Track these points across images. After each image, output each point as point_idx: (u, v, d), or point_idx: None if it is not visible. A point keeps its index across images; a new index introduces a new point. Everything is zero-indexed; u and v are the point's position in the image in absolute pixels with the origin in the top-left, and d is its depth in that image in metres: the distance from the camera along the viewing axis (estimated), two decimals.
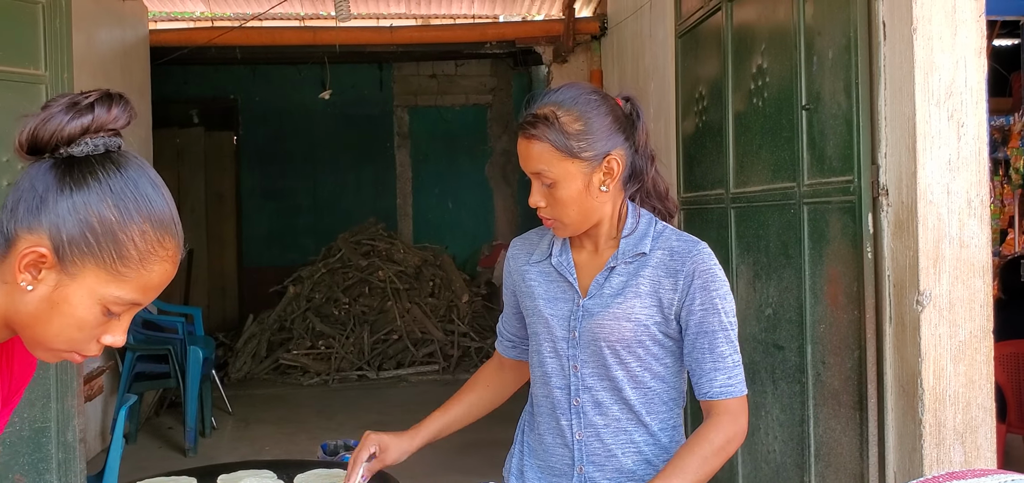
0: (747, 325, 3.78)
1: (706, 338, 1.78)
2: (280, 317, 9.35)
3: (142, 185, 1.11)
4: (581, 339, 1.86)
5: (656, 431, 1.88)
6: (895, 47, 2.85)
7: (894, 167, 2.87)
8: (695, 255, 1.80)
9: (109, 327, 1.14)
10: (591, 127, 1.78)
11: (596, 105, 1.80)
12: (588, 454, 1.89)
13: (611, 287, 1.84)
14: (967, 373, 2.73)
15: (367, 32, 8.51)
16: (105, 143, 1.12)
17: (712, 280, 1.79)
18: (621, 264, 1.85)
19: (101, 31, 6.62)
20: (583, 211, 1.82)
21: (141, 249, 1.10)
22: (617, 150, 1.81)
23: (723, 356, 1.78)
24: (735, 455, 3.92)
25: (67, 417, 3.87)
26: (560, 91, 1.83)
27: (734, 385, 1.79)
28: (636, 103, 1.89)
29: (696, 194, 4.35)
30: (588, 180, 1.79)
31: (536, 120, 1.79)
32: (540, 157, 1.78)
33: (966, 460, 2.68)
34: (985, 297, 2.74)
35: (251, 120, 10.69)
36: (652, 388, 1.87)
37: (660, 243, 1.84)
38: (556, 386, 1.92)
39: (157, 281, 1.13)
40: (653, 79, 6.44)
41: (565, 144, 1.76)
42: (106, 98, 1.13)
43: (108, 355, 6.48)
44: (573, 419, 1.90)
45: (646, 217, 1.87)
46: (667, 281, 1.81)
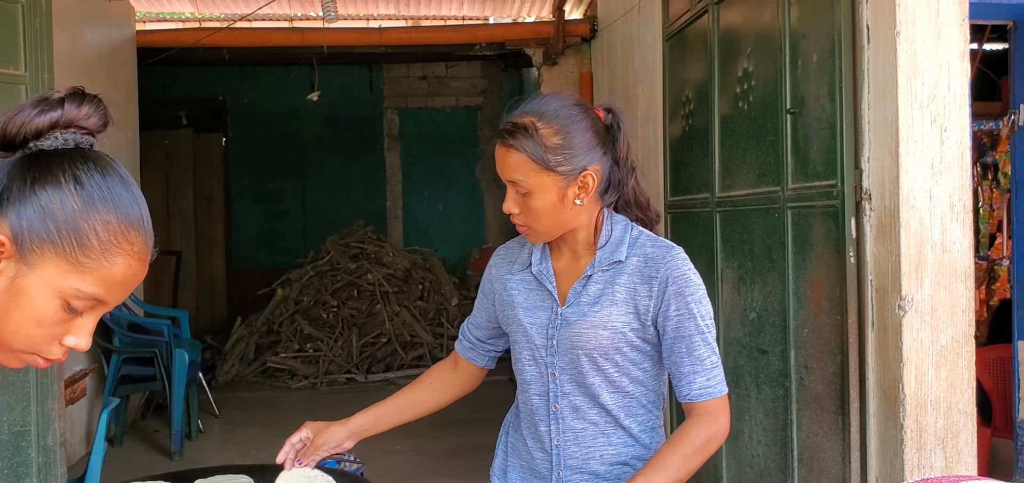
0: (731, 329, 3.77)
1: (684, 342, 1.80)
2: (268, 320, 9.31)
3: (110, 180, 1.09)
4: (559, 347, 1.87)
5: (636, 433, 1.90)
6: (879, 51, 2.84)
7: (877, 171, 2.86)
8: (669, 261, 1.81)
9: (72, 327, 1.11)
10: (570, 141, 1.78)
11: (577, 118, 1.80)
12: (566, 458, 1.91)
13: (588, 295, 1.85)
14: (949, 378, 2.72)
15: (356, 33, 8.49)
16: (75, 139, 1.11)
17: (686, 285, 1.80)
18: (598, 272, 1.86)
19: (86, 31, 6.58)
20: (556, 221, 1.83)
21: (103, 240, 1.07)
22: (594, 165, 1.81)
23: (701, 359, 1.79)
24: (719, 459, 3.91)
25: (48, 420, 3.84)
26: (543, 100, 1.82)
27: (714, 386, 1.80)
28: (618, 114, 1.89)
29: (682, 198, 4.34)
30: (563, 193, 1.80)
31: (515, 129, 1.79)
32: (516, 167, 1.79)
33: (947, 465, 2.67)
34: (967, 302, 2.74)
35: (240, 122, 10.66)
36: (631, 392, 1.88)
37: (636, 250, 1.85)
38: (535, 393, 1.94)
39: (121, 276, 1.10)
40: (642, 82, 6.44)
41: (542, 157, 1.77)
42: (77, 95, 1.12)
43: (93, 357, 6.44)
44: (551, 424, 1.92)
45: (622, 224, 1.88)
46: (643, 288, 1.82)
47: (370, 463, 4.60)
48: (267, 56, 9.15)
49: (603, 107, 1.89)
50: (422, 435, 6.21)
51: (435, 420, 2.37)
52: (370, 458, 5.03)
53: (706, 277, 3.95)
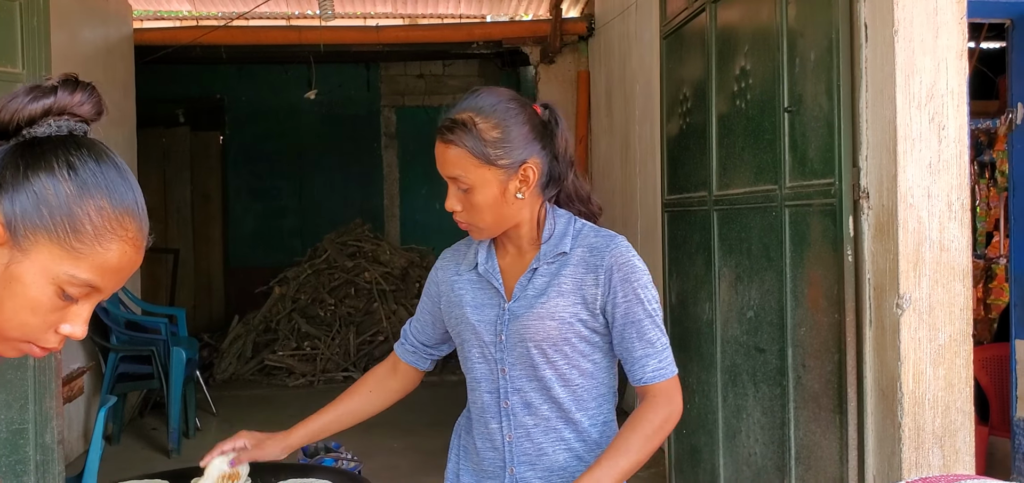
0: (729, 328, 3.77)
1: (633, 327, 1.83)
2: (266, 318, 9.31)
3: (104, 166, 1.09)
4: (508, 342, 1.90)
5: (586, 427, 1.92)
6: (876, 49, 2.84)
7: (875, 170, 2.86)
8: (613, 249, 1.85)
9: (67, 315, 1.11)
10: (509, 135, 1.81)
11: (514, 113, 1.83)
12: (519, 454, 1.93)
13: (534, 288, 1.88)
14: (946, 377, 2.73)
15: (353, 32, 8.49)
16: (69, 126, 1.11)
17: (632, 271, 1.84)
18: (543, 265, 1.89)
19: (84, 29, 6.58)
20: (498, 216, 1.86)
21: (97, 224, 1.07)
22: (533, 158, 1.84)
23: (652, 342, 1.83)
24: (717, 457, 3.91)
25: (45, 418, 3.83)
26: (480, 97, 1.85)
27: (666, 368, 1.84)
28: (555, 111, 1.92)
29: (679, 196, 4.34)
30: (504, 187, 1.83)
31: (454, 125, 1.81)
32: (456, 162, 1.81)
33: (945, 464, 2.67)
34: (965, 301, 2.74)
35: (237, 120, 10.65)
36: (581, 385, 1.91)
37: (580, 241, 1.88)
38: (486, 391, 1.96)
39: (115, 262, 1.09)
40: (639, 80, 6.44)
41: (482, 151, 1.79)
42: (70, 83, 1.12)
43: (90, 356, 6.43)
44: (503, 422, 1.94)
45: (565, 217, 1.91)
46: (588, 277, 1.85)
47: (366, 460, 4.60)
48: (264, 54, 9.15)
49: (540, 104, 1.93)
50: (418, 432, 6.21)
51: (431, 418, 2.38)
52: (367, 455, 5.05)
53: (703, 276, 3.97)
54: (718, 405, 3.88)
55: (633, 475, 1.84)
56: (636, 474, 5.04)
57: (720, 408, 3.86)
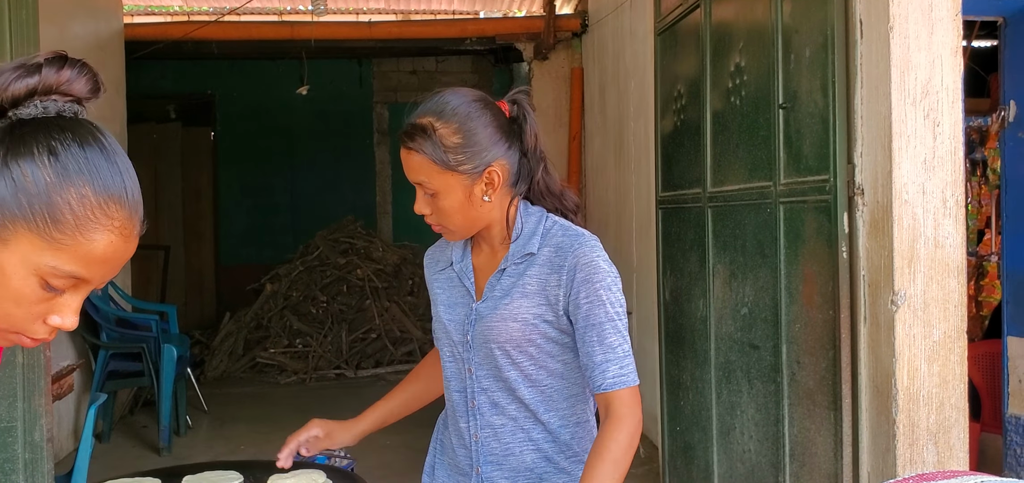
0: (723, 324, 3.77)
1: (594, 330, 1.77)
2: (257, 315, 9.28)
3: (90, 150, 1.03)
4: (474, 342, 1.87)
5: (556, 428, 1.89)
6: (872, 46, 2.83)
7: (870, 166, 2.85)
8: (577, 248, 1.79)
9: (54, 306, 1.06)
10: (471, 139, 1.76)
11: (478, 115, 1.78)
12: (485, 454, 1.91)
13: (501, 288, 1.85)
14: (941, 373, 2.72)
15: (345, 27, 8.46)
16: (57, 107, 1.05)
17: (595, 272, 1.78)
18: (511, 265, 1.85)
19: (74, 24, 6.54)
20: (467, 219, 1.82)
21: (78, 214, 1.01)
22: (499, 160, 1.79)
23: (613, 347, 1.77)
24: (711, 454, 3.90)
25: (34, 416, 3.81)
26: (442, 99, 1.80)
27: (627, 375, 1.77)
28: (523, 105, 1.86)
29: (674, 193, 4.33)
30: (469, 191, 1.78)
31: (414, 131, 1.77)
32: (419, 169, 1.77)
33: (939, 460, 2.67)
34: (960, 297, 2.74)
35: (229, 116, 10.61)
36: (549, 385, 1.87)
37: (547, 240, 1.83)
38: (455, 390, 1.95)
39: (101, 253, 1.03)
40: (633, 77, 6.43)
41: (442, 158, 1.75)
42: (57, 60, 1.05)
43: (80, 353, 6.40)
44: (470, 421, 1.92)
45: (535, 215, 1.86)
46: (553, 277, 1.81)
47: (360, 459, 4.58)
48: (256, 50, 9.11)
49: (508, 99, 1.87)
50: (410, 431, 6.18)
51: (425, 416, 2.38)
52: (360, 454, 5.02)
53: (698, 273, 3.96)
54: (712, 402, 3.87)
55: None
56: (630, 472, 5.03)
57: (714, 405, 3.86)
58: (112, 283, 6.84)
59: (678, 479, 4.36)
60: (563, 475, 1.90)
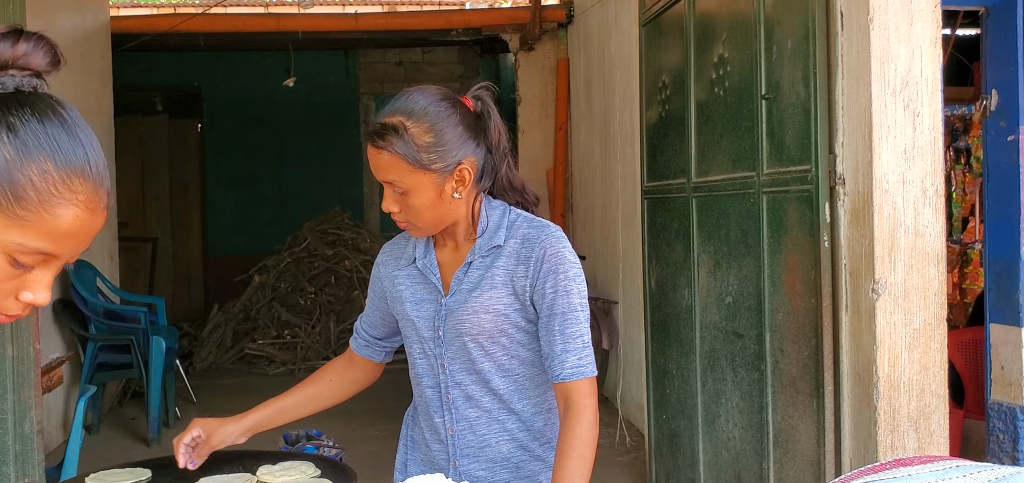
0: (708, 313, 3.80)
1: (557, 320, 1.81)
2: (245, 306, 9.28)
3: (49, 125, 1.02)
4: (446, 337, 1.89)
5: (529, 416, 1.92)
6: (852, 37, 2.87)
7: (851, 156, 2.89)
8: (544, 240, 1.83)
9: (25, 283, 1.05)
10: (442, 139, 1.77)
11: (447, 114, 1.79)
12: (462, 447, 1.93)
13: (469, 281, 1.87)
14: (921, 360, 2.76)
15: (331, 19, 8.46)
16: (15, 82, 1.03)
17: (561, 263, 1.81)
18: (478, 258, 1.87)
19: (60, 17, 6.52)
20: (437, 216, 1.83)
21: (41, 190, 1.00)
22: (468, 158, 1.81)
23: (573, 337, 1.80)
24: (696, 442, 3.95)
25: (24, 408, 3.81)
26: (410, 98, 1.80)
27: (585, 366, 1.80)
28: (487, 101, 1.87)
29: (659, 183, 4.36)
30: (440, 189, 1.80)
31: (385, 130, 1.77)
32: (390, 168, 1.77)
33: (920, 446, 2.71)
34: (939, 285, 2.78)
35: (216, 108, 10.59)
36: (521, 374, 1.91)
37: (513, 232, 1.86)
38: (427, 386, 1.96)
39: (68, 227, 1.02)
40: (619, 68, 6.46)
41: (415, 157, 1.76)
42: (11, 34, 1.04)
43: (69, 345, 6.40)
44: (445, 415, 1.94)
45: (499, 209, 1.89)
46: (520, 269, 1.84)
47: (348, 448, 4.61)
48: (243, 42, 9.10)
49: (471, 95, 1.88)
50: (400, 421, 6.21)
51: None
52: (348, 443, 5.05)
53: (683, 262, 4.00)
54: (697, 390, 3.91)
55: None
56: (616, 460, 5.09)
57: (699, 393, 3.90)
58: (100, 275, 6.84)
59: (664, 467, 4.40)
60: (538, 462, 1.94)
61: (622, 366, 6.56)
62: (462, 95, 1.88)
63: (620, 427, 5.99)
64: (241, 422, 2.10)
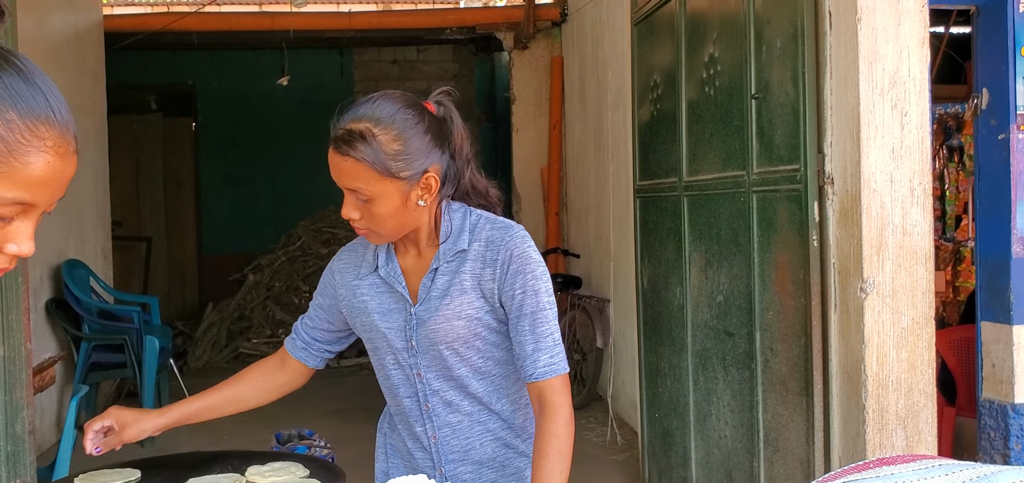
0: (699, 312, 3.81)
1: (526, 320, 1.80)
2: (240, 306, 9.28)
3: (7, 76, 1.02)
4: (419, 346, 1.87)
5: (509, 414, 1.92)
6: (840, 37, 2.88)
7: (839, 156, 2.90)
8: (508, 241, 1.81)
9: (8, 235, 1.06)
10: (409, 146, 1.74)
11: (414, 122, 1.76)
12: (446, 453, 1.93)
13: (437, 289, 1.84)
14: (909, 359, 2.78)
15: (325, 17, 8.46)
16: None
17: (527, 263, 1.80)
18: (443, 264, 1.85)
19: (53, 15, 6.51)
20: (399, 224, 1.80)
21: (8, 140, 1.01)
22: (434, 166, 1.78)
23: (543, 336, 1.79)
24: (688, 441, 3.96)
25: (16, 409, 3.81)
26: (376, 105, 1.77)
27: (557, 364, 1.79)
28: (449, 106, 1.86)
29: (651, 182, 4.37)
30: (406, 197, 1.77)
31: (351, 136, 1.73)
32: (355, 175, 1.74)
33: (908, 444, 2.72)
34: (927, 284, 2.79)
35: (210, 106, 10.58)
36: (497, 374, 1.90)
37: (477, 235, 1.84)
38: (405, 396, 1.94)
39: (40, 174, 1.03)
40: (612, 66, 6.47)
41: (383, 165, 1.72)
42: None
43: (62, 345, 6.40)
44: (426, 424, 1.93)
45: (460, 212, 1.87)
46: (486, 271, 1.82)
47: (340, 448, 4.62)
48: (236, 40, 9.09)
49: (433, 100, 1.86)
50: None
51: None
52: (340, 443, 5.05)
53: (674, 261, 4.01)
54: (689, 389, 3.92)
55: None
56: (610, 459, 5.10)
57: (691, 392, 3.91)
58: (94, 275, 6.84)
59: (657, 465, 4.41)
60: (523, 458, 1.94)
61: (615, 365, 6.57)
62: (424, 101, 1.85)
63: (611, 426, 6.01)
64: (161, 417, 2.07)
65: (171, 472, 2.19)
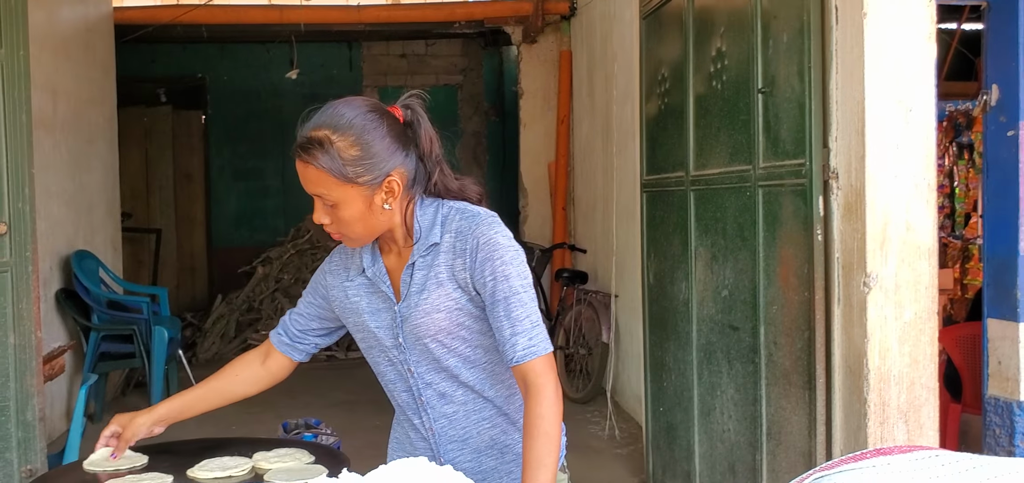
0: (704, 306, 3.82)
1: (500, 305, 1.80)
2: (249, 298, 9.33)
3: None
4: (406, 343, 1.90)
5: (503, 400, 1.94)
6: (846, 31, 2.88)
7: (844, 151, 2.91)
8: (475, 229, 1.82)
9: None
10: (369, 151, 1.76)
11: (374, 126, 1.78)
12: (444, 442, 1.96)
13: (416, 284, 1.86)
14: (912, 353, 2.78)
15: (335, 11, 8.48)
16: None
17: (495, 248, 1.80)
18: (419, 259, 1.87)
19: (63, 8, 6.55)
20: (368, 227, 1.83)
21: None
22: (397, 169, 1.80)
23: (520, 319, 1.80)
24: (692, 435, 3.97)
25: (26, 396, 3.85)
26: (335, 111, 1.79)
27: (537, 345, 1.79)
28: (417, 110, 1.87)
29: (658, 176, 4.38)
30: (369, 201, 1.79)
31: (310, 144, 1.76)
32: (318, 181, 1.77)
33: (909, 438, 2.73)
34: (930, 279, 2.79)
35: (219, 99, 10.62)
36: (487, 362, 1.92)
37: (447, 227, 1.86)
38: (400, 391, 1.97)
39: None
40: (619, 60, 6.47)
41: (341, 171, 1.75)
42: None
43: (72, 334, 6.44)
44: (423, 416, 1.96)
45: (432, 207, 1.88)
46: (458, 261, 1.83)
47: (347, 438, 4.64)
48: (246, 33, 9.13)
49: (401, 104, 1.88)
50: None
51: None
52: (348, 433, 5.08)
53: (680, 255, 4.02)
54: (694, 383, 3.93)
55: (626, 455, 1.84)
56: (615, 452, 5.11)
57: (696, 386, 3.92)
58: (103, 266, 6.88)
59: (661, 459, 4.43)
60: (521, 442, 1.94)
61: (620, 359, 6.58)
62: (392, 105, 1.87)
63: (611, 419, 6.02)
64: (150, 414, 2.16)
65: (178, 458, 2.22)
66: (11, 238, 3.76)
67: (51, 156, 6.09)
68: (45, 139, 5.91)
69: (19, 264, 3.81)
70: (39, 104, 5.63)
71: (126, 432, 2.13)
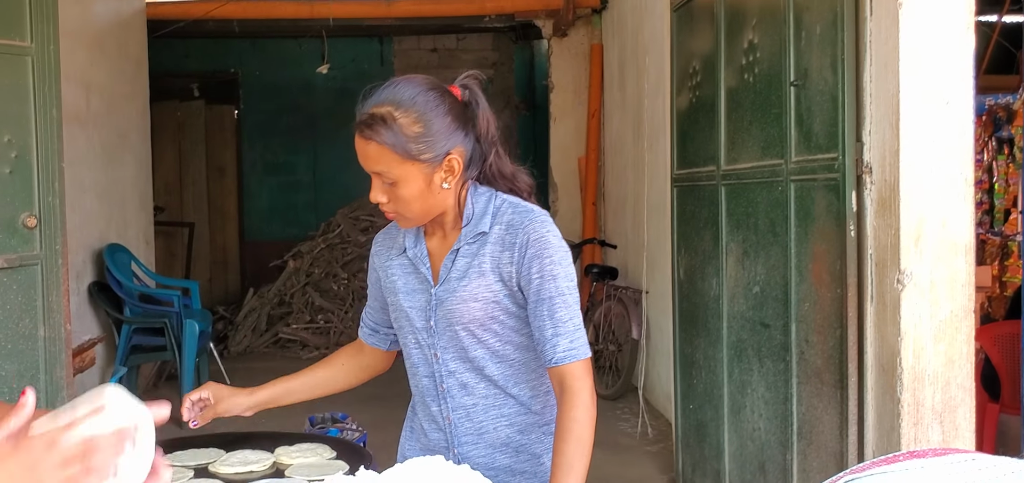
0: (735, 303, 3.77)
1: (545, 305, 1.79)
2: (280, 291, 9.37)
3: None
4: (437, 327, 1.88)
5: (526, 400, 1.91)
6: (881, 23, 2.81)
7: (878, 145, 2.84)
8: (528, 225, 1.81)
9: None
10: (431, 129, 1.76)
11: (435, 104, 1.78)
12: (460, 434, 1.93)
13: (457, 270, 1.85)
14: (947, 352, 2.71)
15: (364, 6, 8.48)
16: None
17: (545, 247, 1.79)
18: (464, 245, 1.86)
19: (96, 3, 6.60)
20: (426, 206, 1.82)
21: None
22: (457, 148, 1.80)
23: (563, 321, 1.78)
24: (721, 433, 3.92)
25: (56, 388, 3.88)
26: (397, 88, 1.79)
27: (577, 348, 1.78)
28: (475, 90, 1.86)
29: (689, 170, 4.32)
30: (429, 179, 1.79)
31: (373, 120, 1.76)
32: (379, 158, 1.77)
33: (944, 440, 2.66)
34: (967, 277, 2.72)
35: (251, 93, 10.67)
36: (516, 359, 1.90)
37: (499, 218, 1.84)
38: (423, 375, 1.96)
39: None
40: (651, 53, 6.41)
41: (404, 147, 1.75)
42: None
43: (104, 327, 6.50)
44: (442, 404, 1.94)
45: (485, 195, 1.87)
46: (505, 255, 1.82)
47: (374, 433, 4.63)
48: (277, 28, 9.15)
49: (460, 84, 1.87)
50: None
51: None
52: (375, 428, 5.08)
53: (711, 251, 3.96)
54: (724, 380, 3.88)
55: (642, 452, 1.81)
56: (645, 450, 5.07)
57: (726, 383, 3.86)
58: (135, 259, 6.93)
59: (691, 457, 4.38)
60: (539, 445, 1.93)
61: (650, 356, 6.52)
62: (450, 84, 1.86)
63: (642, 416, 5.97)
64: (252, 396, 2.13)
65: (200, 450, 2.21)
66: (41, 231, 3.79)
67: (84, 150, 6.14)
68: (78, 133, 5.96)
69: (49, 257, 3.84)
70: (73, 99, 5.68)
71: (219, 405, 2.11)
